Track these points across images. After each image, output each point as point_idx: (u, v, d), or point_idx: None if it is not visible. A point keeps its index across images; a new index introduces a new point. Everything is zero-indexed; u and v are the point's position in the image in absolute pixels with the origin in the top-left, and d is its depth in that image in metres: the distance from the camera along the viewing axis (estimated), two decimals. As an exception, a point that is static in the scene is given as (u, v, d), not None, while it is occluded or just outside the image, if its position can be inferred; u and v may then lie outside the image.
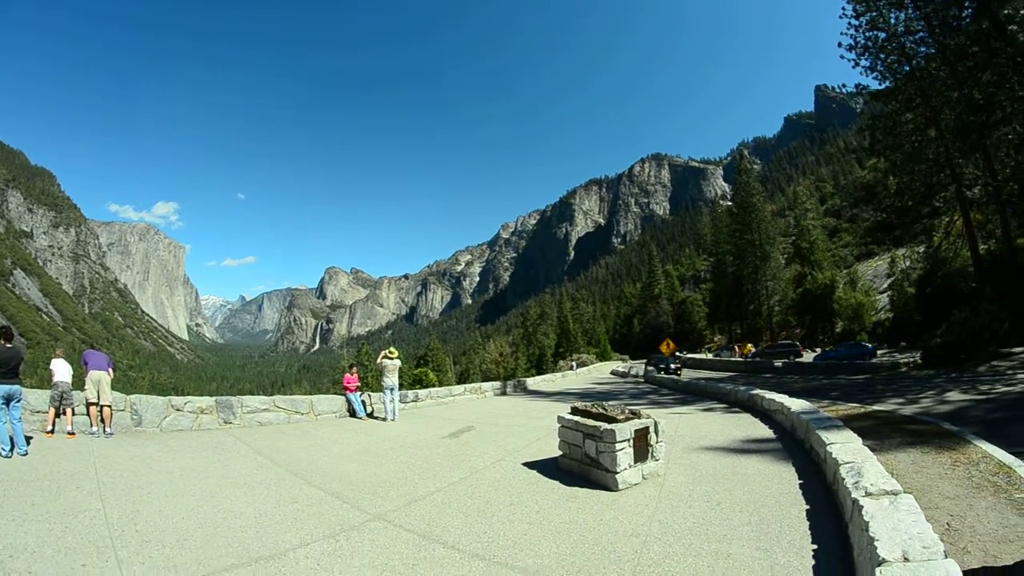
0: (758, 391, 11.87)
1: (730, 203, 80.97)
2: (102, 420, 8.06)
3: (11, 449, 6.25)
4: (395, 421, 11.33)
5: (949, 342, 19.66)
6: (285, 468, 6.68)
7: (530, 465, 6.91)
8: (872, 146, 27.68)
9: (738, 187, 63.35)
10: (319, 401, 11.64)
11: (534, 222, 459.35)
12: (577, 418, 6.47)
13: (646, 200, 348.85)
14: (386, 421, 11.33)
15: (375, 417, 11.87)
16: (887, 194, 30.36)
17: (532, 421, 11.39)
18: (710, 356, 47.25)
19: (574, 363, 52.83)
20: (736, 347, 45.73)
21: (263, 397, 10.77)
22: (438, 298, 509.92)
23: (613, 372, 40.49)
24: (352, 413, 11.81)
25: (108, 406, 8.13)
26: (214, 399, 9.83)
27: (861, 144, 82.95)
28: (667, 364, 33.37)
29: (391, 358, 12.02)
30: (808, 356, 36.62)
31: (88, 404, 8.05)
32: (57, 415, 7.73)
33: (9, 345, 6.70)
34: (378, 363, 12.12)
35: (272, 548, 3.99)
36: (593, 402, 6.90)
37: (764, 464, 6.47)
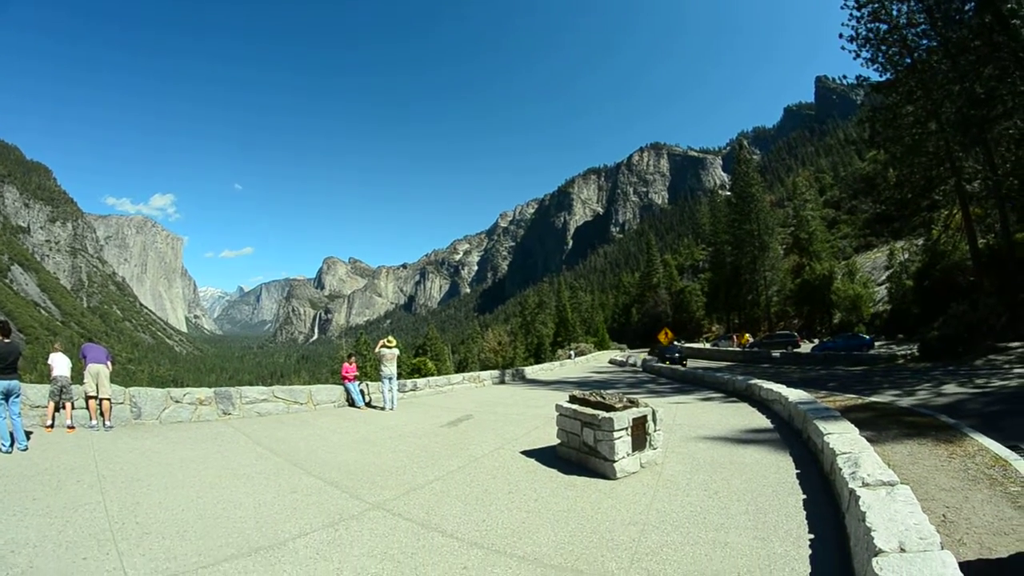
0: (756, 381, 11.87)
1: (729, 193, 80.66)
2: (101, 413, 8.06)
3: (11, 445, 6.25)
4: (394, 410, 11.36)
5: (946, 335, 19.66)
6: (284, 458, 6.70)
7: (528, 453, 6.93)
8: (872, 138, 27.58)
9: (737, 177, 63.09)
10: (318, 391, 11.64)
11: (532, 211, 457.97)
12: (575, 406, 6.46)
13: (645, 189, 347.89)
14: (385, 410, 11.36)
15: (374, 406, 11.90)
16: (886, 186, 30.30)
17: (530, 410, 11.40)
18: (708, 346, 47.41)
19: (572, 352, 52.89)
20: (734, 337, 45.86)
21: (262, 388, 10.75)
22: (436, 287, 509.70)
23: (611, 361, 40.53)
24: (351, 403, 11.82)
25: (107, 399, 8.12)
26: (213, 390, 9.82)
27: (861, 136, 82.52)
28: (671, 354, 32.35)
29: (389, 347, 12.04)
30: (806, 347, 36.71)
31: (87, 398, 8.04)
32: (56, 409, 7.73)
33: (7, 340, 6.66)
34: (376, 352, 12.13)
35: (272, 538, 4.01)
36: (591, 391, 6.90)
37: (762, 453, 6.48)
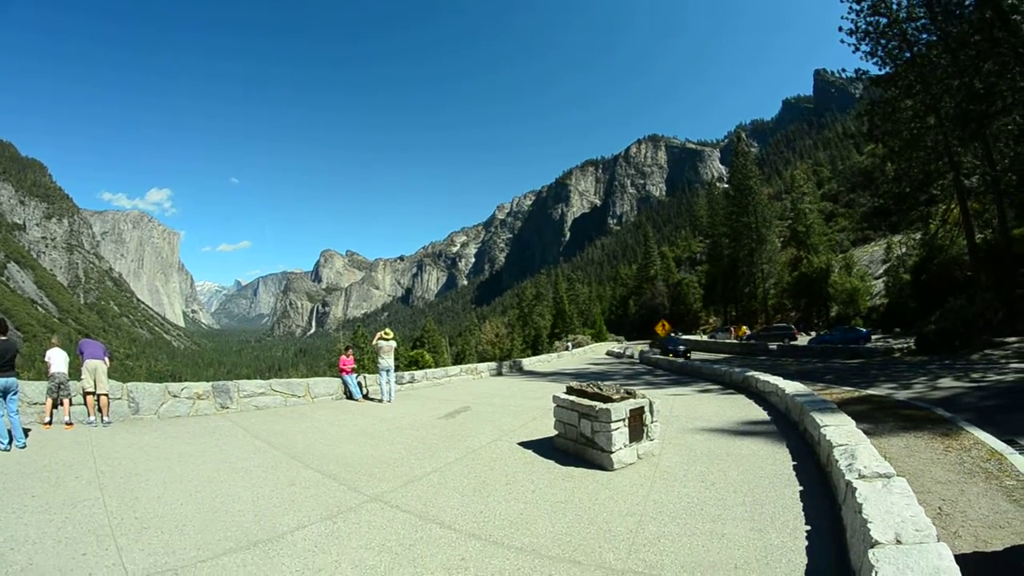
0: (753, 373, 11.90)
1: (727, 185, 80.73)
2: (99, 409, 8.05)
3: (9, 442, 6.24)
4: (391, 402, 11.38)
5: (943, 329, 19.66)
6: (282, 451, 6.70)
7: (526, 445, 6.94)
8: (871, 131, 27.46)
9: (735, 169, 63.11)
10: (315, 384, 11.64)
11: (530, 203, 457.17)
12: (572, 398, 6.46)
13: (642, 181, 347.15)
14: (382, 402, 11.38)
15: (371, 399, 11.91)
16: (884, 180, 30.24)
17: (528, 401, 11.43)
18: (705, 338, 47.50)
19: (570, 344, 53.05)
20: (731, 329, 46.01)
21: (259, 381, 10.74)
22: (434, 279, 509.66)
23: (609, 353, 40.64)
24: (349, 395, 11.83)
25: (105, 395, 8.12)
26: (211, 384, 9.81)
27: (859, 129, 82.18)
28: (675, 347, 31.16)
29: (387, 339, 12.03)
30: (803, 339, 36.77)
31: (85, 394, 8.02)
32: (54, 406, 7.72)
33: (4, 337, 6.62)
34: (374, 344, 12.13)
35: (270, 531, 4.02)
36: (588, 382, 6.89)
37: (758, 445, 6.50)
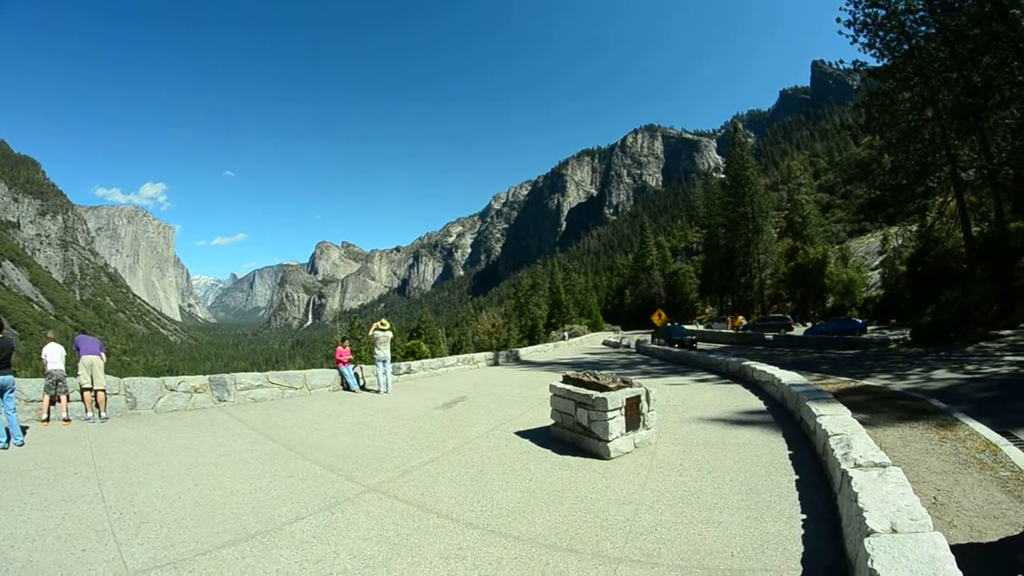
0: (749, 363, 11.95)
1: (723, 176, 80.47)
2: (97, 405, 8.02)
3: (7, 440, 6.21)
4: (388, 393, 11.37)
5: (939, 321, 19.76)
6: (280, 443, 6.70)
7: (523, 434, 6.96)
8: (868, 123, 27.49)
9: (732, 160, 62.96)
10: (312, 375, 11.62)
11: (526, 193, 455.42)
12: (569, 387, 6.48)
13: (639, 171, 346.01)
14: (379, 393, 11.37)
15: (368, 390, 11.90)
16: (881, 172, 30.28)
17: (524, 391, 11.45)
18: (701, 328, 47.67)
19: (566, 333, 53.11)
20: (728, 319, 46.16)
21: (256, 373, 10.71)
22: (430, 270, 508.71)
23: (605, 343, 40.68)
24: (345, 386, 11.83)
25: (102, 390, 8.08)
26: (207, 377, 9.77)
27: (857, 121, 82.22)
28: (680, 337, 29.38)
29: (383, 330, 12.02)
30: (799, 330, 36.97)
31: (82, 390, 7.98)
32: (52, 403, 7.68)
33: (0, 335, 6.59)
34: (370, 335, 12.12)
35: (268, 523, 4.02)
36: (585, 371, 6.91)
37: (754, 434, 6.53)
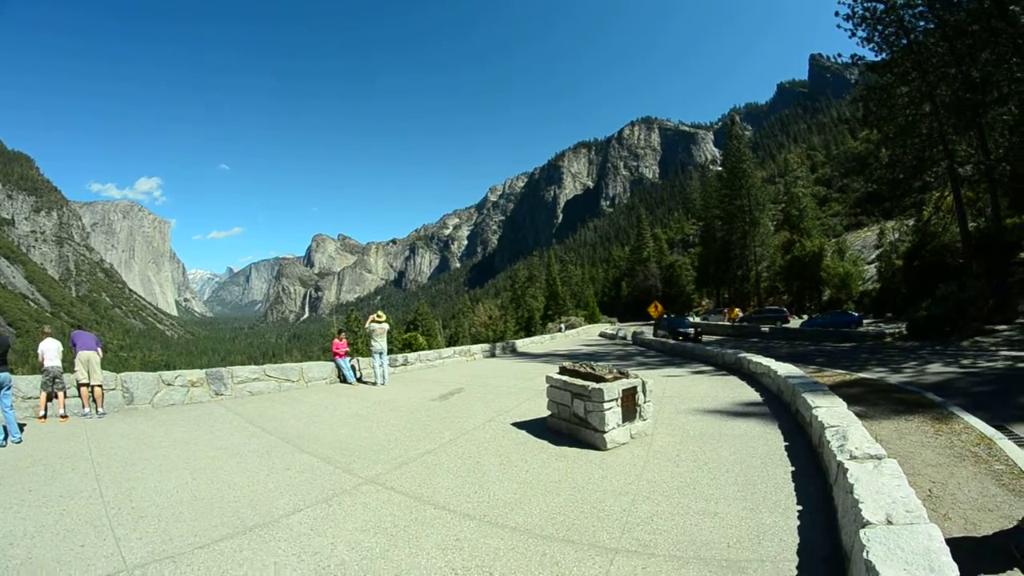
0: (745, 355, 11.97)
1: (720, 168, 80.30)
2: (94, 400, 8.01)
3: (4, 438, 6.19)
4: (385, 385, 11.37)
5: (934, 315, 19.78)
6: (277, 436, 6.70)
7: (519, 425, 6.98)
8: (866, 117, 27.42)
9: (729, 152, 62.76)
10: (309, 368, 11.61)
11: (522, 184, 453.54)
12: (566, 378, 6.48)
13: (635, 163, 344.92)
14: (376, 385, 11.37)
15: (365, 382, 11.91)
16: (879, 166, 30.24)
17: (521, 382, 11.47)
18: (698, 320, 47.79)
19: (563, 325, 53.13)
20: (725, 311, 46.29)
21: (253, 367, 10.68)
22: (426, 262, 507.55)
23: (601, 334, 40.64)
24: (342, 379, 11.83)
25: (99, 386, 8.07)
26: (204, 371, 9.77)
27: (854, 114, 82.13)
28: (684, 329, 27.85)
29: (379, 322, 11.98)
30: (795, 322, 37.06)
31: (79, 385, 7.96)
32: (49, 399, 7.68)
33: None
34: (367, 327, 12.08)
35: (266, 516, 4.02)
36: (581, 362, 6.91)
37: (751, 426, 6.56)
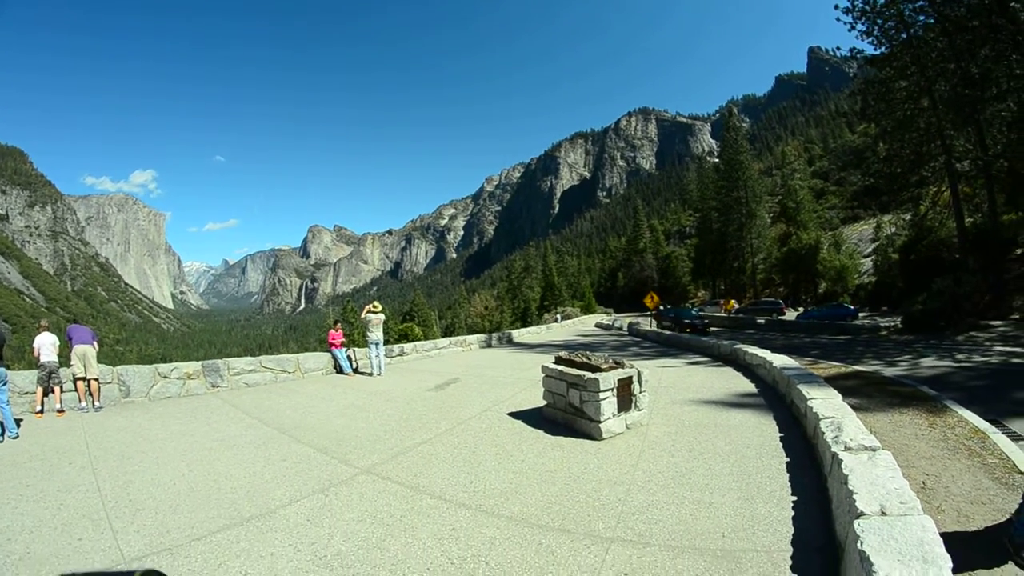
0: (741, 346, 12.01)
1: (717, 160, 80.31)
2: (90, 394, 7.98)
3: (1, 433, 6.16)
4: (381, 375, 11.37)
5: (930, 310, 19.93)
6: (274, 427, 6.69)
7: (515, 415, 6.99)
8: (864, 110, 27.47)
9: (726, 144, 62.67)
10: (305, 359, 11.59)
11: (518, 175, 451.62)
12: (561, 367, 6.48)
13: (632, 154, 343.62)
14: (372, 376, 11.37)
15: (361, 372, 11.92)
16: (876, 160, 30.23)
17: (517, 372, 11.49)
18: (694, 311, 47.77)
19: (559, 316, 53.20)
20: (720, 303, 46.40)
21: (249, 358, 10.66)
22: (422, 253, 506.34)
23: (597, 325, 40.79)
24: (338, 369, 11.82)
25: (95, 380, 8.03)
26: (200, 363, 9.73)
27: (853, 108, 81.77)
28: (691, 320, 26.60)
29: (375, 312, 11.96)
30: (790, 315, 37.22)
31: (75, 379, 7.94)
32: (45, 394, 7.64)
33: None
34: (362, 318, 12.06)
35: (263, 507, 4.02)
36: (577, 352, 6.92)
37: (746, 417, 6.58)
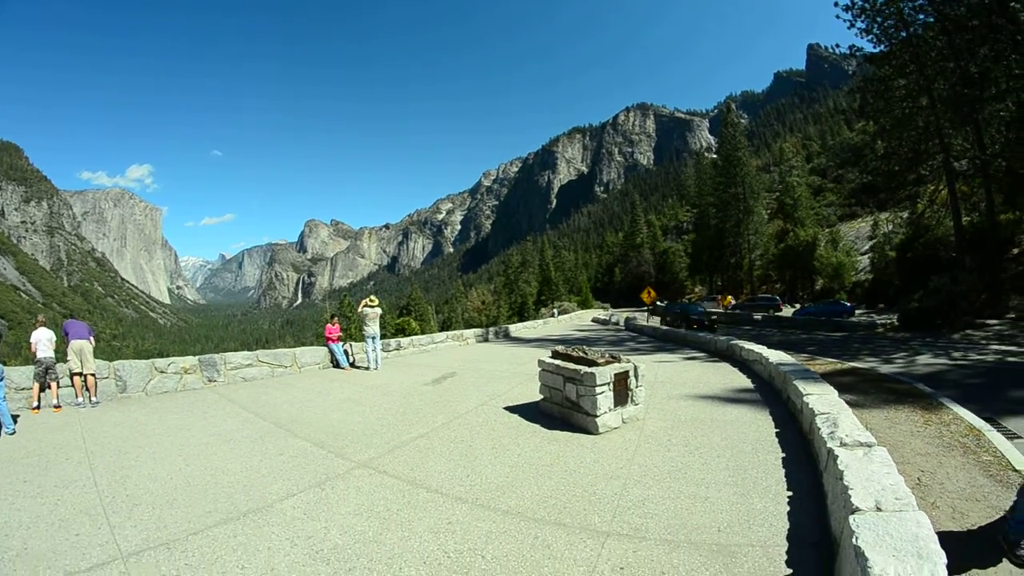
0: (737, 342, 12.03)
1: (715, 156, 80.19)
2: (87, 389, 7.95)
3: None
4: (378, 370, 11.37)
5: (926, 307, 19.97)
6: (270, 421, 6.68)
7: (512, 409, 7.00)
8: (862, 108, 27.48)
9: (724, 140, 62.56)
10: (302, 353, 11.56)
11: (516, 170, 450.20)
12: (558, 362, 6.49)
13: (630, 150, 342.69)
14: (369, 370, 11.37)
15: (358, 367, 11.90)
16: (874, 157, 30.17)
17: (513, 367, 11.50)
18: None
19: (556, 311, 53.29)
20: (717, 298, 46.47)
21: (246, 353, 10.62)
22: (419, 247, 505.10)
23: (594, 320, 40.85)
24: (335, 364, 11.80)
25: (92, 375, 8.00)
26: (197, 358, 9.71)
27: (851, 105, 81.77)
28: (699, 316, 24.76)
29: (372, 306, 11.96)
30: (787, 311, 37.34)
31: (72, 375, 7.90)
32: (42, 390, 7.61)
33: None
34: (359, 312, 12.05)
35: (259, 501, 4.01)
36: (574, 346, 6.91)
37: (742, 412, 6.60)
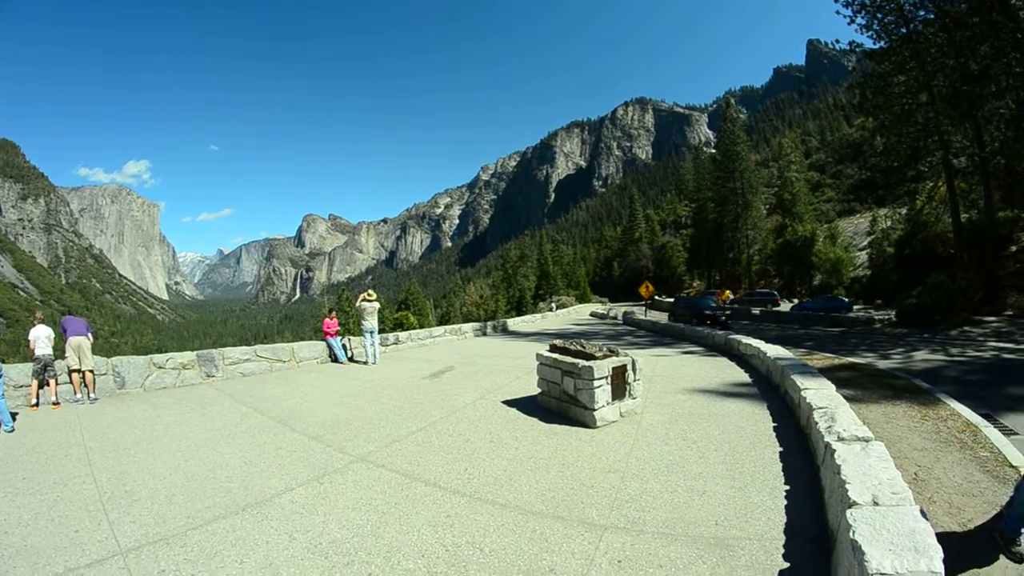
0: (735, 336, 12.08)
1: (714, 150, 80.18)
2: (85, 386, 7.94)
3: None
4: (376, 364, 11.37)
5: (924, 304, 20.01)
6: (269, 416, 6.68)
7: (509, 403, 7.01)
8: (862, 104, 27.40)
9: (723, 135, 62.44)
10: (300, 348, 11.56)
11: (514, 164, 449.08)
12: (556, 355, 6.49)
13: (629, 144, 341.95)
14: (367, 364, 11.36)
15: (356, 361, 11.90)
16: (873, 153, 30.17)
17: (511, 361, 11.51)
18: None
19: (554, 305, 53.32)
20: (716, 293, 46.53)
21: (244, 348, 10.62)
22: (418, 242, 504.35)
23: (592, 314, 40.84)
24: (333, 358, 11.81)
25: (90, 371, 7.99)
26: (195, 353, 9.70)
27: (851, 101, 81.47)
28: (713, 311, 22.98)
29: (370, 300, 11.96)
30: (785, 306, 37.31)
31: (70, 371, 7.89)
32: (40, 387, 7.59)
33: None
34: (357, 306, 12.05)
35: (258, 495, 4.02)
36: (572, 340, 6.91)
37: (740, 406, 6.61)
